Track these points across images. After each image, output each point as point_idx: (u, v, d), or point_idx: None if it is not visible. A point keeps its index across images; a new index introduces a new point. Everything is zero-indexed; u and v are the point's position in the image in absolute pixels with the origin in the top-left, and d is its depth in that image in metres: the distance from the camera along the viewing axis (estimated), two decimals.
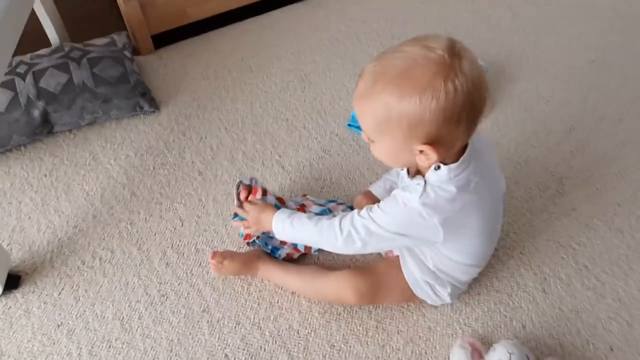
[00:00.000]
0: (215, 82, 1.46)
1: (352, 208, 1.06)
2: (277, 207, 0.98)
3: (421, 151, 0.73)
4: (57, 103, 1.26)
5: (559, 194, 1.18)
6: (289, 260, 1.04)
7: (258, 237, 1.03)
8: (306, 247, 1.03)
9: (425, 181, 0.77)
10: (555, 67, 1.47)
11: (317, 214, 1.01)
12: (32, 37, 1.31)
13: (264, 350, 0.94)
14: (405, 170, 0.84)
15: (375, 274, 0.95)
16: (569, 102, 1.38)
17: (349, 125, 1.32)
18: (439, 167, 0.76)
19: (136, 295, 1.02)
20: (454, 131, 0.71)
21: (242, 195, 1.03)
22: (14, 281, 1.02)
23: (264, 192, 1.03)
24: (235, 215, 1.00)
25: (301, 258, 1.05)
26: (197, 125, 1.34)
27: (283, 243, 1.03)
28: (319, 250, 1.04)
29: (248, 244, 1.06)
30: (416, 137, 0.71)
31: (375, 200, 1.00)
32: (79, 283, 1.04)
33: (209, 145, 1.30)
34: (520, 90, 1.42)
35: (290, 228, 0.91)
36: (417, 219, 0.77)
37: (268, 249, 1.03)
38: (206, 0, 1.54)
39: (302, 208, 1.04)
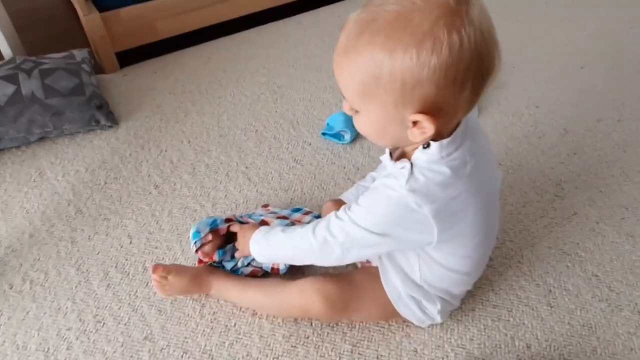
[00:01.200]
0: (181, 96, 1.37)
1: (319, 217, 0.93)
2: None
3: (415, 122, 0.58)
4: (2, 115, 1.15)
5: (558, 198, 1.05)
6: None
7: (214, 261, 0.88)
8: (273, 269, 0.88)
9: (411, 163, 0.63)
10: (543, 73, 1.39)
11: None
12: None
13: None
14: (387, 153, 0.69)
15: (348, 282, 0.79)
16: (560, 106, 1.28)
17: (324, 134, 1.21)
18: (428, 145, 0.62)
19: (67, 321, 0.86)
20: (456, 97, 0.56)
21: (201, 255, 0.88)
22: None
23: (228, 223, 0.90)
24: (198, 234, 0.87)
25: (266, 275, 0.90)
26: (157, 138, 1.23)
27: (247, 265, 0.88)
28: (289, 268, 0.89)
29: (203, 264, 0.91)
30: (410, 102, 0.56)
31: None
32: (2, 310, 0.88)
33: (168, 158, 1.18)
34: (507, 95, 1.32)
35: (267, 247, 0.77)
36: (405, 212, 0.62)
37: (228, 270, 0.88)
38: (176, 13, 1.48)
39: (263, 224, 0.91)
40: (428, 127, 0.57)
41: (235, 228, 0.88)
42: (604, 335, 0.81)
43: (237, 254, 0.87)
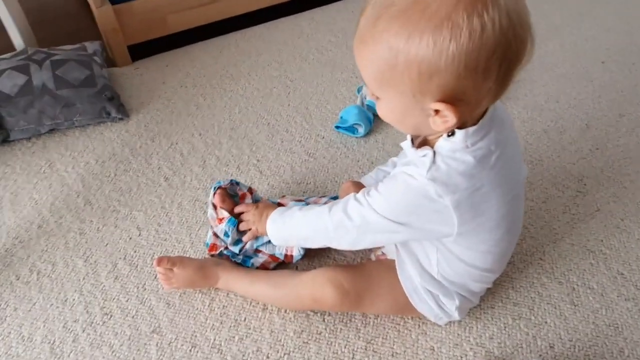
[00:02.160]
0: (193, 90, 1.35)
1: (336, 198, 0.90)
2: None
3: (437, 111, 0.55)
4: (12, 106, 1.14)
5: (581, 194, 1.01)
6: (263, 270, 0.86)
7: (226, 248, 0.86)
8: (287, 256, 0.86)
9: (434, 151, 0.60)
10: (563, 68, 1.35)
11: None
12: None
13: None
14: (408, 140, 0.66)
15: (361, 272, 0.77)
16: (581, 101, 1.24)
17: (337, 127, 1.19)
18: (452, 134, 0.59)
19: (74, 314, 0.84)
20: (479, 85, 0.53)
21: (217, 200, 0.87)
22: None
23: (250, 191, 0.88)
24: (222, 219, 0.86)
25: (278, 267, 0.88)
26: (168, 131, 1.21)
27: (257, 251, 0.86)
28: (304, 256, 0.86)
29: (213, 256, 0.88)
30: (429, 91, 0.53)
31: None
32: (8, 301, 0.86)
33: (179, 151, 1.16)
34: (527, 90, 1.28)
35: (282, 227, 0.75)
36: (424, 201, 0.60)
37: (239, 259, 0.86)
38: (187, 8, 1.46)
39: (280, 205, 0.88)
40: (450, 116, 0.54)
41: (241, 208, 0.86)
42: (631, 335, 0.78)
43: (246, 236, 0.84)
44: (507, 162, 0.63)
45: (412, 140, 0.66)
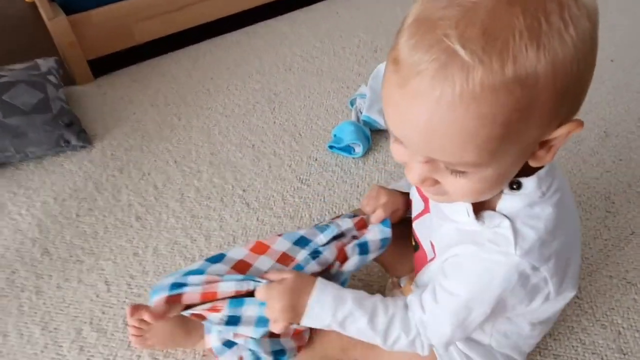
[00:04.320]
0: (165, 109, 1.20)
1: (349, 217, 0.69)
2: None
3: (544, 144, 0.41)
4: None
5: (610, 215, 0.90)
6: None
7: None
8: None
9: (507, 217, 0.46)
10: None
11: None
12: None
13: None
14: (468, 206, 0.49)
15: None
16: (595, 105, 1.14)
17: (331, 147, 1.05)
18: (517, 186, 0.46)
19: None
20: (580, 97, 0.41)
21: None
22: None
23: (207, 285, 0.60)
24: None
25: None
26: (139, 159, 1.06)
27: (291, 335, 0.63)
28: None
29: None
30: (557, 116, 0.39)
31: (394, 200, 0.66)
32: None
33: (152, 183, 1.01)
34: None
35: (338, 328, 0.56)
36: (518, 283, 0.47)
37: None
38: (155, 15, 1.31)
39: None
40: (559, 139, 0.41)
41: (274, 276, 0.59)
42: None
43: (278, 330, 0.58)
44: (569, 202, 0.52)
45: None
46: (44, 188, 1.00)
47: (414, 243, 0.64)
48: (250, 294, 0.59)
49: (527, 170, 0.45)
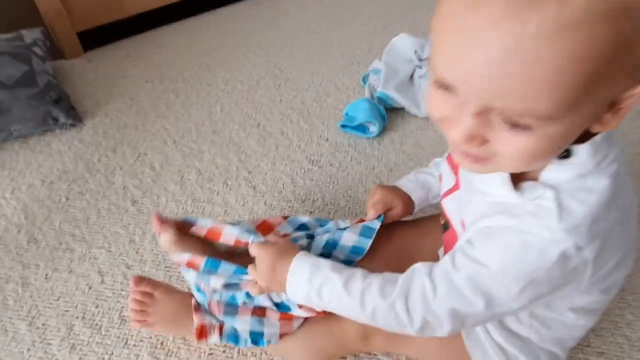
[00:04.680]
0: (161, 85, 1.11)
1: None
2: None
3: (613, 105, 0.35)
4: None
5: None
6: None
7: (221, 327, 0.59)
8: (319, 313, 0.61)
9: (553, 187, 0.40)
10: None
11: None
12: None
13: None
14: (504, 176, 0.42)
15: None
16: None
17: (343, 126, 0.97)
18: (567, 154, 0.39)
19: None
20: None
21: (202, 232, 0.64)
22: None
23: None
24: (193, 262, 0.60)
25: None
26: (134, 138, 0.98)
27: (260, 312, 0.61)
28: None
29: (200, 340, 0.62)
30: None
31: (390, 198, 0.62)
32: None
33: (149, 164, 0.93)
34: None
35: (316, 298, 0.51)
36: (554, 265, 0.39)
37: (247, 345, 0.59)
38: None
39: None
40: (632, 104, 0.35)
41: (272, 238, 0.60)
42: None
43: (254, 291, 0.58)
44: (625, 176, 0.45)
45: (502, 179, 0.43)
46: (30, 169, 0.92)
47: (442, 222, 0.57)
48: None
49: (580, 137, 0.38)
